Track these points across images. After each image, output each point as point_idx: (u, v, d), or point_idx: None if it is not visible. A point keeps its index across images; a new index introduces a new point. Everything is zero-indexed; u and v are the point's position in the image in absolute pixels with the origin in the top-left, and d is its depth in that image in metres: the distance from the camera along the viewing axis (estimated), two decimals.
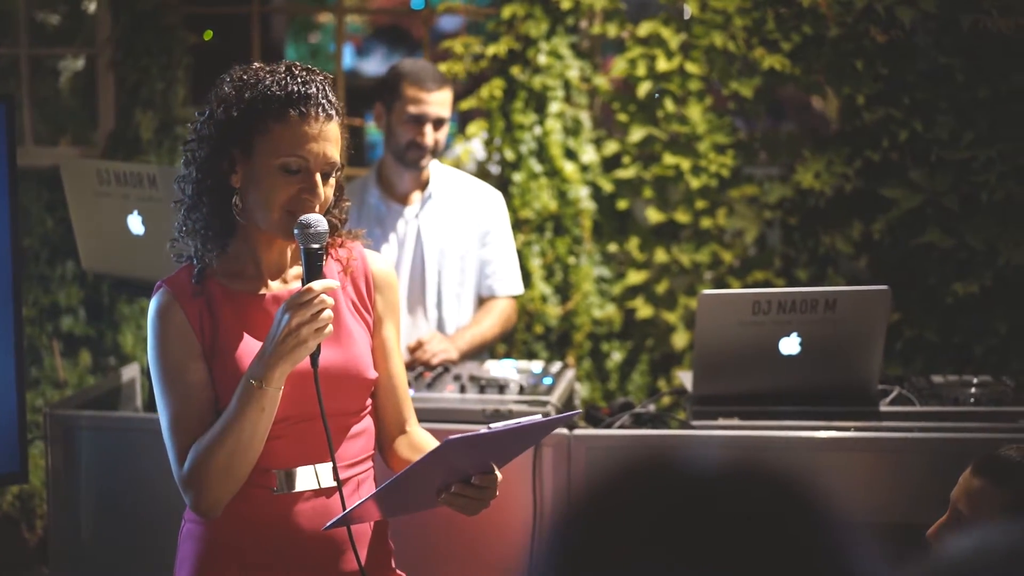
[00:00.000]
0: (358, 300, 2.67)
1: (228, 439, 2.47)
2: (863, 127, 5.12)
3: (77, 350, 5.76)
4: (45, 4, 6.80)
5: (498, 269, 4.36)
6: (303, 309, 2.43)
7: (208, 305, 2.58)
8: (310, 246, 2.48)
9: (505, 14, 5.40)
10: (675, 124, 5.33)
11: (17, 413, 3.54)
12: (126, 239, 4.00)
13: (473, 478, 2.47)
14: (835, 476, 3.36)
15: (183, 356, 2.56)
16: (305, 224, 2.47)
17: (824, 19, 5.05)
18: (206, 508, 2.54)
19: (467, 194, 4.36)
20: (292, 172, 2.51)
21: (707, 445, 3.46)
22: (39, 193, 5.75)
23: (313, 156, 2.51)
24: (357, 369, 2.61)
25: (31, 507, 5.19)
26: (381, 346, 2.69)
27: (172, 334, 2.57)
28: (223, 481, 2.50)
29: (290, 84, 2.51)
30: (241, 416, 2.46)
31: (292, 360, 2.45)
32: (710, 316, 3.53)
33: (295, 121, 2.50)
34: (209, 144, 2.55)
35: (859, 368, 3.56)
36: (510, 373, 3.89)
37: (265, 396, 2.45)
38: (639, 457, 1.09)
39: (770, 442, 3.44)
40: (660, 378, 5.44)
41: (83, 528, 3.77)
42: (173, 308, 2.58)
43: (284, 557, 2.58)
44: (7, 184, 3.48)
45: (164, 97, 5.72)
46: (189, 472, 2.51)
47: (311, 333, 2.43)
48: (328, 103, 2.53)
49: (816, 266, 5.21)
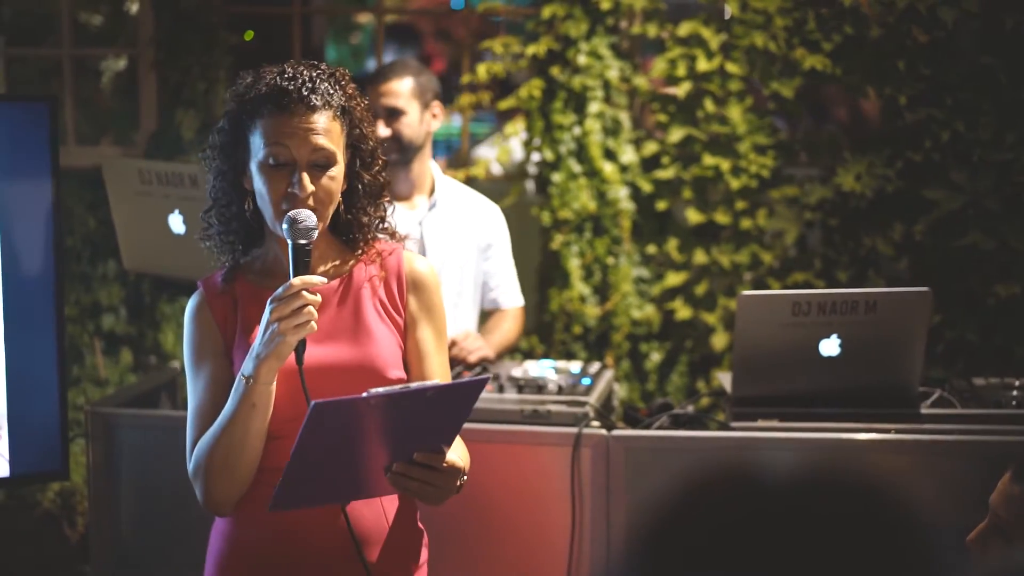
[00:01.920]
0: (388, 301, 2.67)
1: (223, 436, 2.50)
2: (905, 128, 5.09)
3: (118, 349, 5.80)
4: (88, 5, 6.85)
5: (502, 282, 4.40)
6: (282, 305, 2.44)
7: (235, 304, 2.62)
8: (297, 241, 2.49)
9: (545, 14, 5.40)
10: (715, 125, 5.32)
11: (59, 411, 3.57)
12: (167, 238, 4.02)
13: (415, 455, 2.42)
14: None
15: (205, 354, 2.62)
16: (293, 219, 2.48)
17: (866, 19, 5.03)
18: (213, 504, 2.57)
19: (470, 207, 4.37)
20: (280, 166, 2.53)
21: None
22: (81, 193, 5.78)
23: (295, 146, 2.52)
24: (374, 368, 2.60)
25: (72, 504, 5.22)
26: (415, 348, 2.68)
27: (198, 332, 2.63)
28: (222, 478, 2.51)
29: (277, 81, 2.55)
30: (234, 413, 2.49)
31: (276, 356, 2.45)
32: (750, 317, 3.52)
33: (276, 115, 2.53)
34: (220, 151, 2.62)
35: (900, 370, 3.54)
36: (548, 373, 3.89)
37: (255, 392, 2.47)
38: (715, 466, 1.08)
39: (810, 444, 3.42)
40: (699, 379, 5.43)
41: (124, 525, 3.79)
42: (202, 307, 2.64)
43: (297, 557, 2.59)
44: (50, 184, 3.51)
45: (205, 97, 5.74)
46: (193, 468, 2.56)
47: (290, 329, 2.43)
48: (314, 95, 2.53)
49: (857, 267, 5.19)
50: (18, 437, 3.54)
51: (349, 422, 2.36)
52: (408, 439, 2.42)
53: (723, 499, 1.06)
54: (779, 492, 1.05)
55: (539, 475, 3.56)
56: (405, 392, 2.34)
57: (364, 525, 2.61)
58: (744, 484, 1.07)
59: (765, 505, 1.04)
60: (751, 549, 1.01)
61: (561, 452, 3.54)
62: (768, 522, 1.03)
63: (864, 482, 1.04)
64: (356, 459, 2.44)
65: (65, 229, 4.87)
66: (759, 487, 1.06)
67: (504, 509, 3.55)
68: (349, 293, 2.65)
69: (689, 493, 1.07)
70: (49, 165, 3.50)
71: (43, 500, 5.24)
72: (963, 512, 3.17)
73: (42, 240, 3.51)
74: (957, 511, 3.39)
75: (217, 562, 2.66)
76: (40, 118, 3.48)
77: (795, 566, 1.01)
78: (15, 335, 3.51)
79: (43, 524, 5.21)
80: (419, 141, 4.26)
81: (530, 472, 3.56)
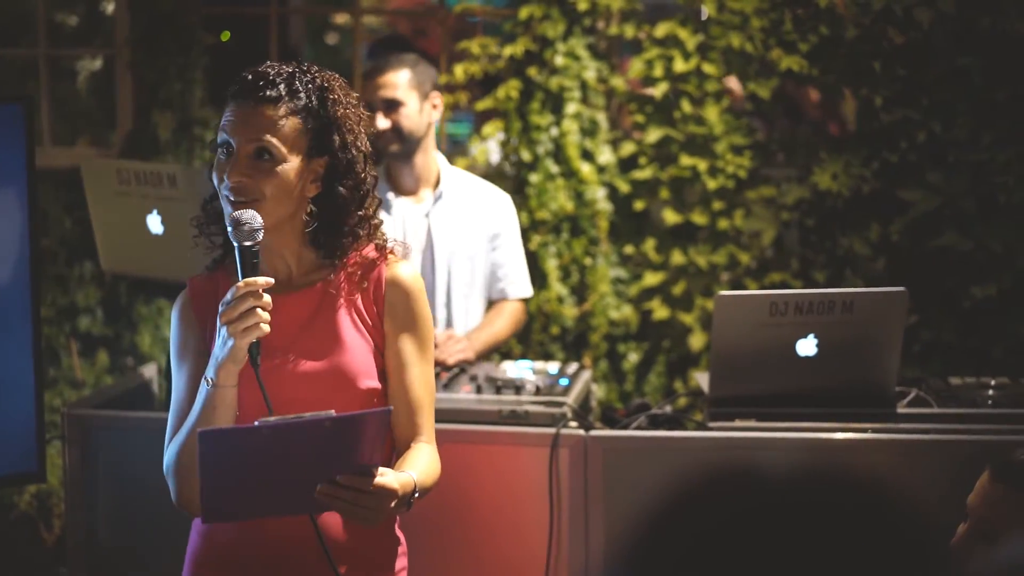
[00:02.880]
0: (365, 310, 2.63)
1: (189, 438, 2.50)
2: (881, 128, 5.11)
3: (95, 350, 5.78)
4: (63, 5, 6.82)
5: (509, 272, 4.37)
6: (230, 309, 2.43)
7: (216, 303, 2.60)
8: (242, 243, 2.48)
9: (522, 15, 5.41)
10: (692, 125, 5.33)
11: (35, 413, 3.55)
12: (145, 239, 4.01)
13: (339, 477, 2.38)
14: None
15: (187, 351, 2.63)
16: (236, 220, 2.47)
17: (841, 20, 5.04)
18: (183, 503, 2.57)
19: (477, 196, 4.35)
20: (224, 151, 2.54)
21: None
22: (57, 194, 5.76)
23: (234, 132, 2.52)
24: (344, 377, 2.59)
25: (49, 506, 5.20)
26: (395, 358, 2.64)
27: (180, 331, 2.65)
28: (190, 479, 2.49)
29: (243, 75, 2.56)
30: (198, 415, 2.50)
31: (231, 360, 2.45)
32: (727, 317, 3.53)
33: (230, 105, 2.56)
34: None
35: (876, 370, 3.55)
36: (526, 374, 3.89)
37: (216, 395, 2.47)
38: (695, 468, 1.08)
39: (788, 444, 3.43)
40: (677, 379, 5.44)
41: (100, 527, 3.78)
42: (185, 307, 2.66)
43: (271, 559, 2.59)
44: (26, 185, 3.49)
45: (182, 97, 5.73)
46: (165, 466, 2.59)
47: (238, 332, 2.42)
48: (270, 88, 2.53)
49: (833, 268, 5.20)
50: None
51: (241, 449, 2.37)
52: (326, 463, 2.38)
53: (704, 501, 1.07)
54: (759, 492, 1.06)
55: (517, 476, 3.57)
56: (299, 422, 2.33)
57: (334, 532, 2.60)
58: (725, 485, 1.08)
59: (747, 505, 1.04)
60: (733, 549, 1.01)
61: (539, 452, 3.54)
62: (748, 522, 1.04)
63: (843, 481, 1.05)
64: (269, 481, 2.42)
65: (41, 230, 4.85)
66: (740, 488, 1.07)
67: (482, 509, 3.56)
68: (324, 302, 2.63)
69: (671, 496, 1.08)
70: (24, 166, 3.48)
71: (19, 502, 5.22)
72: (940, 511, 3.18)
73: (18, 241, 3.49)
74: (934, 510, 3.41)
75: (193, 560, 2.67)
76: (15, 118, 3.47)
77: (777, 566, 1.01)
78: None
79: (20, 526, 5.19)
80: (420, 132, 4.25)
81: (508, 472, 3.56)
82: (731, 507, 1.08)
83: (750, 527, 1.03)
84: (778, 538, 1.03)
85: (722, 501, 1.09)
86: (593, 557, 3.50)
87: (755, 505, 1.06)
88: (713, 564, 1.02)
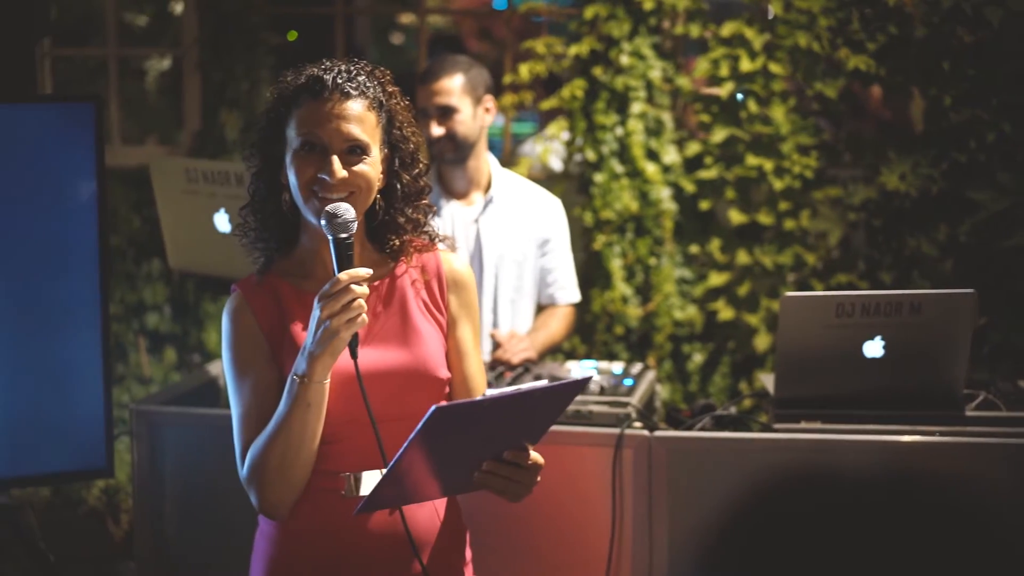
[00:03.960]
0: (430, 301, 2.67)
1: (279, 438, 2.48)
2: (949, 128, 5.06)
3: (162, 347, 5.84)
4: (133, 5, 6.89)
5: (559, 278, 4.37)
6: (332, 301, 2.41)
7: (278, 307, 2.61)
8: (338, 236, 2.47)
9: (587, 14, 5.40)
10: (758, 125, 5.30)
11: (104, 409, 3.60)
12: (212, 237, 4.04)
13: (504, 453, 2.43)
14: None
15: (250, 357, 2.59)
16: (331, 213, 2.47)
17: (910, 19, 5.00)
18: (268, 508, 2.55)
19: (527, 200, 4.35)
20: (311, 151, 2.53)
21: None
22: (126, 192, 5.83)
23: (327, 133, 2.52)
24: (425, 369, 2.60)
25: (117, 501, 5.26)
26: (456, 347, 2.68)
27: (240, 336, 2.61)
28: (279, 481, 2.50)
29: (314, 71, 2.56)
30: (289, 413, 2.47)
31: (331, 353, 2.43)
32: (793, 318, 3.51)
33: (310, 103, 2.54)
34: (259, 148, 2.63)
35: (944, 372, 3.52)
36: (591, 374, 3.88)
37: (309, 391, 2.45)
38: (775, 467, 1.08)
39: (854, 446, 3.40)
40: (741, 380, 5.41)
41: (167, 522, 3.82)
42: (243, 310, 2.62)
43: (353, 561, 2.59)
44: (96, 183, 3.53)
45: (249, 97, 5.78)
46: (247, 473, 2.53)
47: (342, 324, 2.41)
48: (349, 84, 2.54)
49: (901, 269, 5.16)
50: (64, 435, 3.57)
51: (462, 425, 2.36)
52: (503, 438, 2.43)
53: (769, 502, 1.06)
54: (825, 494, 1.05)
55: (580, 475, 3.56)
56: (518, 394, 2.34)
57: (418, 526, 2.60)
58: (790, 487, 1.07)
59: (812, 508, 1.04)
60: (796, 551, 1.01)
61: (603, 453, 3.53)
62: (813, 524, 1.03)
63: (910, 484, 1.04)
64: (453, 460, 2.43)
65: (110, 228, 4.91)
66: (805, 490, 1.06)
67: (545, 508, 3.55)
68: (393, 294, 2.65)
69: (735, 497, 1.07)
70: (94, 164, 3.53)
71: (88, 497, 5.28)
72: (1009, 515, 3.16)
73: (88, 239, 3.54)
74: (1002, 514, 3.37)
75: (266, 567, 2.64)
76: (86, 118, 3.51)
77: (841, 568, 1.01)
78: (61, 333, 3.54)
79: (88, 521, 5.25)
80: (473, 137, 4.24)
81: (572, 472, 3.56)
82: (796, 509, 1.07)
83: (815, 529, 1.03)
84: (842, 540, 1.03)
85: (787, 503, 1.09)
86: (656, 558, 3.49)
87: (820, 507, 1.06)
88: (776, 566, 1.02)
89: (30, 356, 3.51)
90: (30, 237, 3.48)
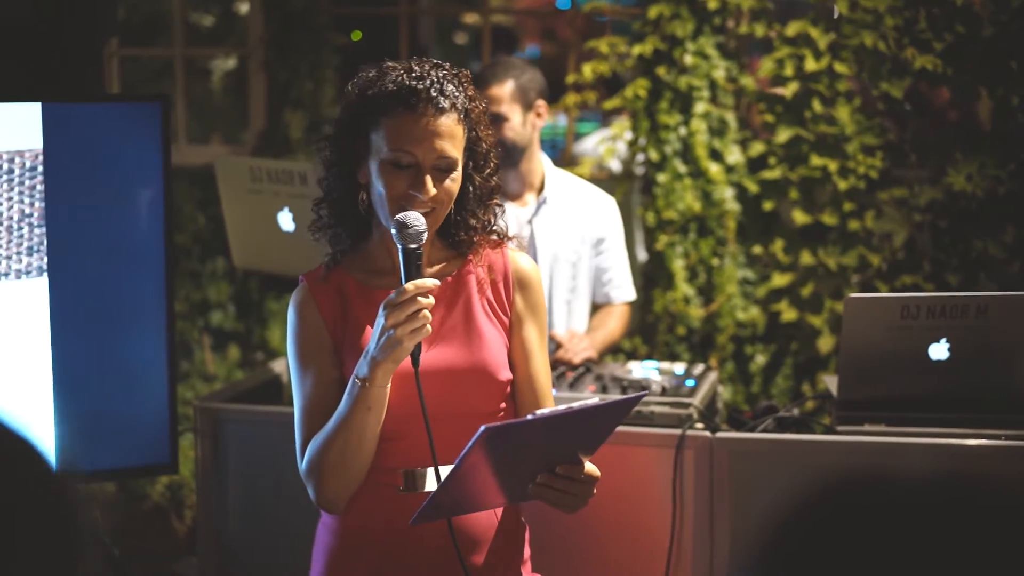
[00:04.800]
0: (495, 301, 2.67)
1: (339, 436, 2.50)
2: (1017, 128, 5.00)
3: (226, 345, 5.88)
4: (199, 5, 6.95)
5: (614, 276, 4.37)
6: (397, 310, 2.41)
7: (343, 301, 2.62)
8: (408, 245, 2.47)
9: (651, 14, 5.39)
10: (823, 125, 5.26)
11: (168, 405, 3.63)
12: (276, 236, 4.07)
13: (557, 468, 2.43)
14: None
15: (313, 351, 2.61)
16: (402, 223, 2.47)
17: (978, 18, 4.95)
18: (325, 503, 2.57)
19: (582, 200, 4.34)
20: (402, 167, 2.51)
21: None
22: (191, 191, 5.88)
23: (421, 151, 2.50)
24: (487, 369, 2.61)
25: (180, 497, 5.31)
26: (520, 346, 2.68)
27: (305, 329, 2.63)
28: (336, 477, 2.52)
29: (404, 80, 2.52)
30: (349, 414, 2.49)
31: (391, 360, 2.44)
32: (857, 320, 3.48)
33: (403, 116, 2.51)
34: (336, 144, 2.62)
35: (1011, 375, 3.48)
36: (652, 374, 3.87)
37: (370, 394, 2.46)
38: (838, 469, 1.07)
39: (918, 449, 3.38)
40: (804, 382, 5.37)
41: (230, 518, 3.85)
42: (308, 304, 2.64)
43: (407, 559, 2.60)
44: (162, 182, 3.57)
45: (313, 97, 5.81)
46: (306, 467, 2.56)
47: (405, 334, 2.41)
48: (442, 97, 2.51)
49: (967, 270, 5.11)
50: (129, 430, 3.61)
51: (513, 442, 2.36)
52: (557, 452, 2.43)
53: (832, 506, 1.05)
54: (889, 498, 1.04)
55: (641, 476, 3.55)
56: (569, 412, 2.34)
57: (475, 524, 2.61)
58: (853, 490, 1.06)
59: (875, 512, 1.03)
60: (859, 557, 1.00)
61: (664, 453, 3.52)
62: (876, 529, 1.02)
63: (976, 489, 1.03)
64: (506, 473, 2.44)
65: (175, 226, 4.95)
66: (868, 494, 1.05)
67: (605, 509, 3.55)
68: (459, 294, 2.65)
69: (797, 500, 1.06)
70: (161, 163, 3.56)
71: (152, 493, 5.33)
72: None
73: (154, 237, 3.57)
74: None
75: (326, 558, 2.67)
76: (152, 117, 3.54)
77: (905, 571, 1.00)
78: (127, 330, 3.58)
79: (152, 516, 5.30)
80: (523, 143, 4.24)
81: (632, 473, 3.55)
82: (859, 513, 1.06)
83: (878, 534, 1.02)
84: (906, 546, 1.02)
85: (850, 507, 1.08)
86: (717, 560, 3.48)
87: (884, 512, 1.05)
88: (837, 570, 1.01)
89: (97, 353, 3.55)
90: (97, 235, 3.52)
